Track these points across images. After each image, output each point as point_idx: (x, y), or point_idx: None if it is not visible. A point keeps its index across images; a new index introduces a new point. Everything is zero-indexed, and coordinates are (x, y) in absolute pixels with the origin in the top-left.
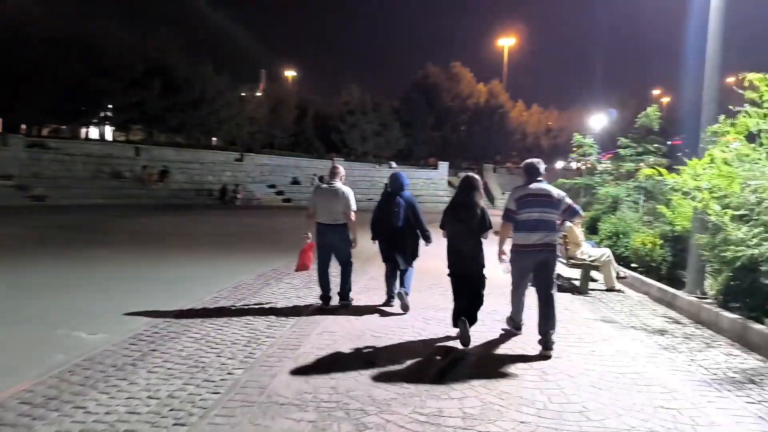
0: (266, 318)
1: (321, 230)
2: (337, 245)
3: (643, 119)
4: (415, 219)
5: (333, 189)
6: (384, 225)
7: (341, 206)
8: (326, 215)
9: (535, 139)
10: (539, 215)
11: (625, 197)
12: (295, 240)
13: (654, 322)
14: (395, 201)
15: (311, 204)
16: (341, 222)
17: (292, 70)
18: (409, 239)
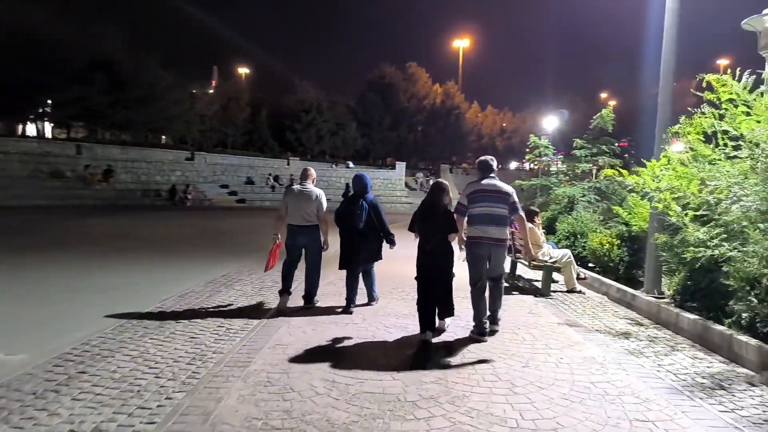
0: (214, 330)
1: (292, 231)
2: (308, 246)
3: (597, 120)
4: (378, 221)
5: (305, 191)
6: (346, 227)
7: (313, 208)
8: (297, 216)
9: (490, 140)
10: (490, 210)
11: (581, 197)
12: (249, 242)
13: (617, 325)
14: (358, 203)
15: (282, 205)
16: (312, 223)
17: (245, 67)
18: (372, 241)
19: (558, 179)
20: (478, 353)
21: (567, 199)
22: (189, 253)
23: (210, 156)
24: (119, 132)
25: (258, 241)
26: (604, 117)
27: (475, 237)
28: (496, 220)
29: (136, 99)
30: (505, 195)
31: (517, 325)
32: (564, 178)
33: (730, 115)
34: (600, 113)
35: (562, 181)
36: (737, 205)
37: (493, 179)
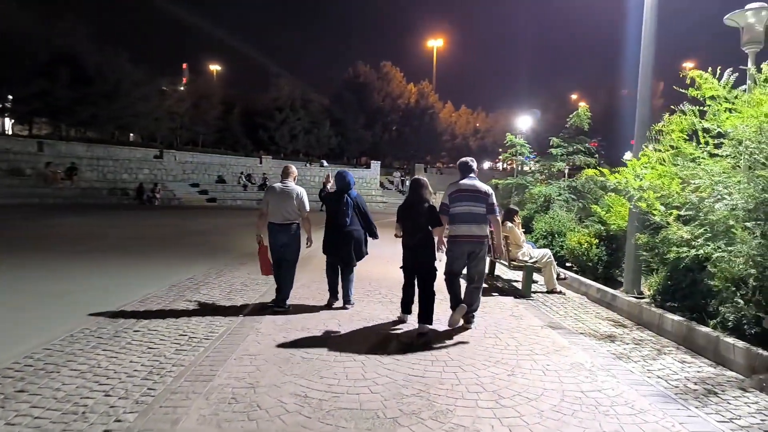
0: (175, 340)
1: (273, 230)
2: (288, 244)
3: (574, 119)
4: (363, 217)
5: (287, 189)
6: (331, 223)
7: (295, 206)
8: (279, 215)
9: (463, 140)
10: (469, 209)
11: (557, 196)
12: (218, 243)
13: (601, 327)
14: (343, 199)
15: (264, 204)
16: (293, 221)
17: (217, 64)
18: (357, 237)
19: (534, 178)
20: (460, 360)
21: (543, 198)
22: (153, 255)
23: (180, 154)
24: (85, 129)
25: (228, 242)
26: (580, 115)
27: (456, 235)
28: (476, 219)
29: (101, 95)
30: (484, 195)
31: (500, 329)
32: (540, 177)
33: (713, 111)
34: (576, 112)
35: (538, 180)
36: (721, 203)
37: (473, 179)
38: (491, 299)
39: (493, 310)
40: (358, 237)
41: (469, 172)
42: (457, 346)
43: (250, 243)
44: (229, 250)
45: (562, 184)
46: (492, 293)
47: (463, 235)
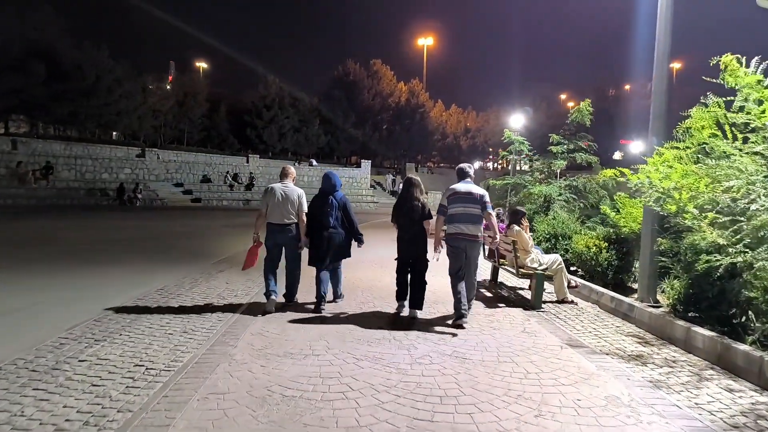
0: (128, 373)
1: (272, 230)
2: (288, 245)
3: (575, 115)
4: (347, 220)
5: (287, 190)
6: (315, 224)
7: (294, 207)
8: (278, 215)
9: (454, 140)
10: (464, 209)
11: (557, 196)
12: (198, 247)
13: (625, 345)
14: (328, 201)
15: (263, 204)
16: (292, 222)
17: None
18: (341, 239)
19: (534, 177)
20: (474, 394)
21: (543, 198)
22: (124, 261)
23: (163, 153)
24: (63, 127)
25: (208, 246)
26: (582, 111)
27: (453, 233)
28: (471, 219)
29: (80, 91)
30: (479, 197)
31: (514, 350)
32: (539, 176)
33: (755, 99)
34: (578, 107)
35: (537, 180)
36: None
37: (468, 183)
38: (498, 311)
39: (502, 326)
40: (342, 239)
41: (465, 176)
42: (468, 374)
43: (233, 246)
44: (209, 255)
45: (562, 183)
46: (498, 304)
47: (460, 233)
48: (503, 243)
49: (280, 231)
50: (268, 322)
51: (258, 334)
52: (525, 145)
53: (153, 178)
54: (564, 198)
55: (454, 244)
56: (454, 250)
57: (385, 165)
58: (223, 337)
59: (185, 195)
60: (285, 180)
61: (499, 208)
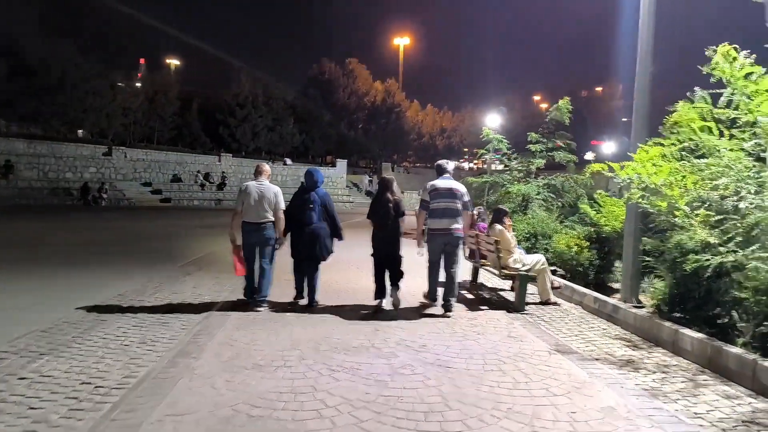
0: (73, 392)
1: (247, 229)
2: (263, 244)
3: (554, 113)
4: (329, 215)
5: (262, 188)
6: (297, 220)
7: (271, 205)
8: (254, 214)
9: (430, 139)
10: (446, 205)
11: (536, 195)
12: (164, 249)
13: (614, 349)
14: (310, 197)
15: (239, 203)
16: (268, 220)
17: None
18: (323, 235)
19: (512, 176)
20: (461, 408)
21: (521, 197)
22: (82, 266)
23: (132, 151)
24: (28, 124)
25: (176, 248)
26: (561, 108)
27: (434, 228)
28: (451, 214)
29: (45, 88)
30: (459, 193)
31: (501, 357)
32: (518, 175)
33: (751, 92)
34: (557, 105)
35: (515, 178)
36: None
37: (448, 179)
38: (481, 314)
39: (486, 330)
40: (324, 235)
41: (444, 173)
42: (454, 385)
43: (202, 247)
44: (176, 257)
45: (540, 182)
46: (480, 306)
47: (440, 228)
48: (485, 243)
49: (256, 230)
50: (237, 330)
51: (225, 344)
52: (503, 143)
53: (120, 178)
54: (542, 197)
55: (435, 240)
56: (434, 245)
57: (360, 165)
58: (186, 348)
59: (154, 195)
60: (260, 178)
61: (480, 207)
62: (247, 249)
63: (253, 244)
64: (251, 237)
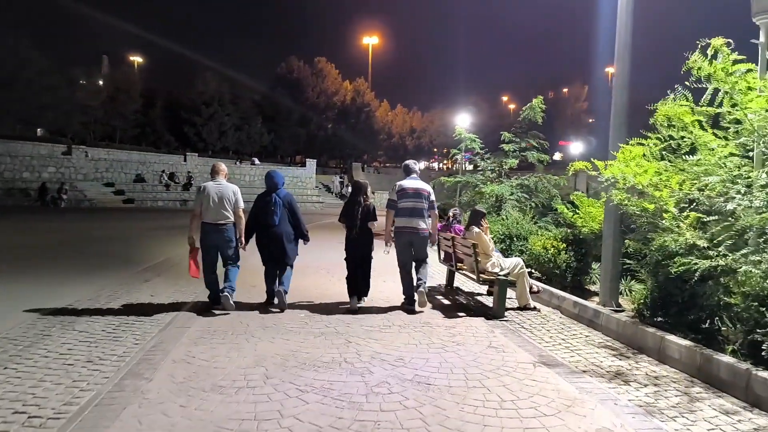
0: (5, 423)
1: (206, 230)
2: (223, 245)
3: (527, 112)
4: (293, 217)
5: (220, 187)
6: (261, 224)
7: (230, 205)
8: (213, 215)
9: (400, 139)
10: (412, 204)
11: (509, 196)
12: (122, 253)
13: (600, 359)
14: (272, 199)
15: (197, 204)
16: (228, 221)
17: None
18: (287, 237)
19: (485, 176)
20: None
21: (495, 197)
22: (30, 272)
23: (93, 150)
24: None
25: (135, 251)
26: (534, 108)
27: (400, 227)
28: (417, 213)
29: None
30: (425, 193)
31: (483, 371)
32: (491, 175)
33: (739, 89)
34: (530, 104)
35: (488, 179)
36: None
37: (415, 179)
38: (459, 322)
39: (466, 340)
40: (288, 236)
41: (412, 173)
42: (435, 405)
43: (164, 251)
44: (135, 261)
45: (513, 182)
46: (458, 313)
47: (406, 227)
48: (461, 246)
49: (216, 231)
50: (196, 344)
51: (181, 361)
52: (476, 142)
53: (81, 178)
54: (515, 197)
55: (401, 238)
56: (402, 243)
57: (330, 165)
58: (137, 367)
59: (117, 195)
60: (217, 177)
61: (456, 208)
62: (207, 251)
63: (214, 246)
64: (211, 238)
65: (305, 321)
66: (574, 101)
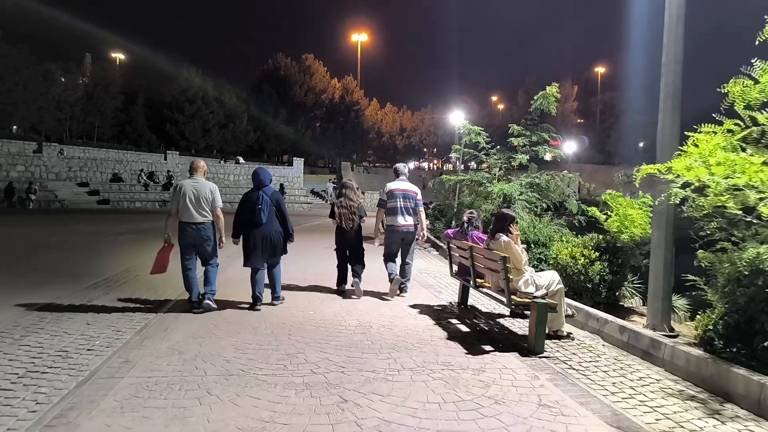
0: None
1: (184, 229)
2: (201, 244)
3: (539, 101)
4: (280, 215)
5: (197, 185)
6: (248, 222)
7: (207, 203)
8: (190, 214)
9: (390, 139)
10: (402, 204)
11: (518, 196)
12: (72, 264)
13: (687, 417)
14: (259, 196)
15: (173, 203)
16: (206, 220)
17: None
18: (275, 235)
19: (492, 174)
20: None
21: (503, 197)
22: None
23: (67, 148)
24: None
25: (88, 262)
26: (547, 96)
27: (390, 224)
28: (406, 212)
29: None
30: (412, 193)
31: None
32: (498, 172)
33: None
34: (542, 92)
35: (495, 177)
36: None
37: (404, 181)
38: (488, 361)
39: (506, 393)
40: (277, 234)
41: (401, 175)
42: None
43: (121, 261)
44: (84, 275)
45: (523, 180)
46: (483, 346)
47: (397, 225)
48: (484, 258)
49: (194, 230)
50: (121, 412)
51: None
52: (482, 136)
53: (52, 177)
54: (525, 198)
55: (393, 234)
56: (392, 239)
57: (319, 164)
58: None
59: (91, 196)
60: (195, 175)
61: (473, 210)
62: (185, 250)
63: (191, 245)
64: (188, 237)
65: (283, 365)
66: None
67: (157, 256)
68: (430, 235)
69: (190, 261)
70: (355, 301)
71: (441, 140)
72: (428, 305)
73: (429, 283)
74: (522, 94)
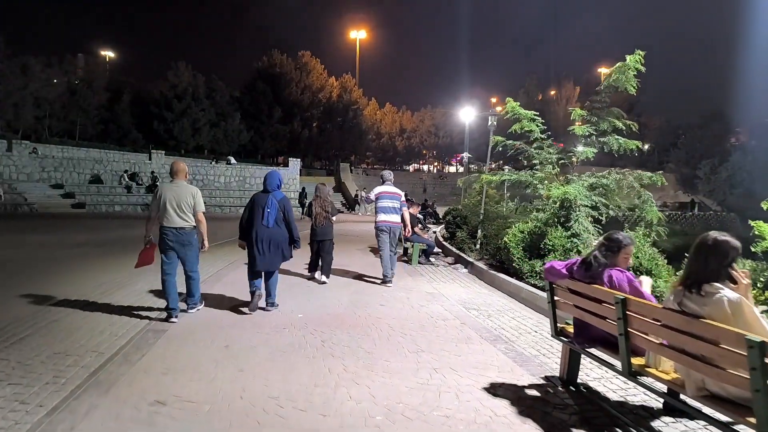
0: None
1: (165, 234)
2: (182, 249)
3: (615, 76)
4: (286, 221)
5: (178, 190)
6: (253, 224)
7: (189, 208)
8: (171, 218)
9: (389, 140)
10: (391, 204)
11: (583, 201)
12: (24, 284)
13: None
14: (267, 199)
15: (153, 208)
16: (187, 225)
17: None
18: (281, 240)
19: (545, 173)
20: None
21: (561, 204)
22: None
23: (42, 147)
24: None
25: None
26: (625, 71)
27: (382, 221)
28: (393, 211)
29: None
30: (398, 195)
31: None
32: (552, 171)
33: None
34: (620, 64)
35: (551, 176)
36: None
37: (389, 185)
38: None
39: None
40: (283, 239)
41: (386, 181)
42: None
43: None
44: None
45: (585, 182)
46: None
47: (387, 221)
48: (688, 333)
49: (175, 235)
50: None
51: None
52: (536, 122)
53: (24, 178)
54: (589, 204)
55: (385, 231)
56: (385, 234)
57: (315, 165)
58: None
59: (65, 199)
60: (176, 178)
61: (619, 233)
62: (166, 253)
63: (172, 249)
64: (170, 241)
65: None
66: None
67: (141, 253)
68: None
69: (169, 266)
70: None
71: (442, 141)
72: (510, 384)
73: (489, 328)
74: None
